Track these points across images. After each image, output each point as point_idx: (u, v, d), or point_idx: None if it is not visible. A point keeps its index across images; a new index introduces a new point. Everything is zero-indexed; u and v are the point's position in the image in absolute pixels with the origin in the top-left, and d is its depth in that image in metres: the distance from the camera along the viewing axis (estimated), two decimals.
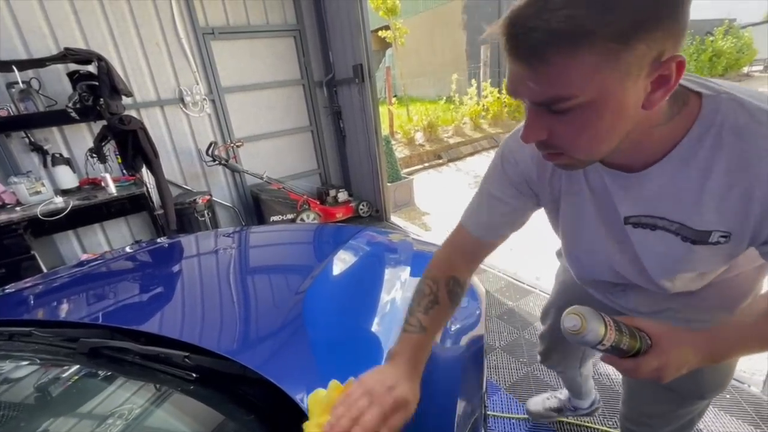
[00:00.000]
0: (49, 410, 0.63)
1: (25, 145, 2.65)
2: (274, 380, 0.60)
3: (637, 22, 0.37)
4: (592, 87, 0.40)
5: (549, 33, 0.37)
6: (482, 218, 0.69)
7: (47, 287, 1.18)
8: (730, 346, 0.53)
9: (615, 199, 0.56)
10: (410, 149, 6.53)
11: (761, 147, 0.44)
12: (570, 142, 0.46)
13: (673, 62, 0.40)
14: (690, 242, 0.52)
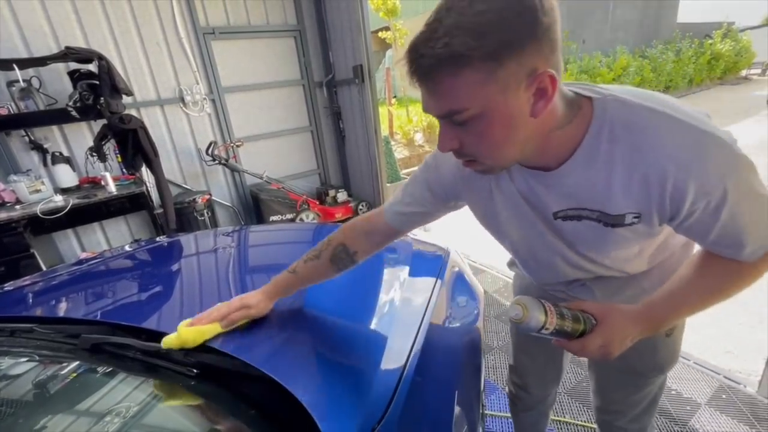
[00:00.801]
0: (51, 406, 0.63)
1: (25, 143, 2.65)
2: (274, 376, 0.61)
3: (504, 44, 0.44)
4: (478, 100, 0.47)
5: (434, 58, 0.45)
6: (400, 211, 0.76)
7: (47, 285, 1.19)
8: (664, 314, 0.61)
9: (543, 198, 0.62)
10: (410, 150, 6.54)
11: (647, 138, 0.51)
12: (476, 149, 0.53)
13: (545, 76, 0.46)
14: (611, 226, 0.58)
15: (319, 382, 0.66)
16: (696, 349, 1.90)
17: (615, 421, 0.94)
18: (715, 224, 0.53)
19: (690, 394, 1.58)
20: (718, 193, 0.50)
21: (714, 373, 1.67)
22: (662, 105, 0.52)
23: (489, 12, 0.43)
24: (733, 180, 0.50)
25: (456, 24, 0.43)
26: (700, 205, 0.52)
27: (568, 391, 1.66)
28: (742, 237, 0.54)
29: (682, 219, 0.55)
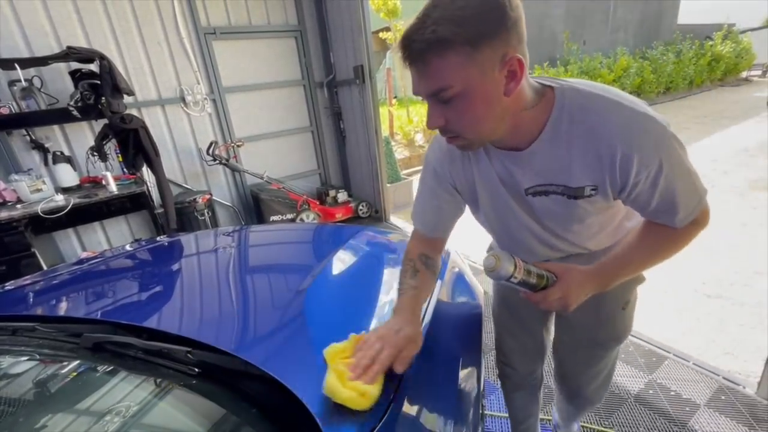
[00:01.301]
0: (53, 405, 0.64)
1: (27, 142, 2.66)
2: (276, 375, 0.61)
3: (479, 33, 0.53)
4: (460, 79, 0.56)
5: (424, 42, 0.54)
6: (427, 217, 0.86)
7: (48, 284, 1.19)
8: (613, 272, 0.73)
9: (516, 177, 0.71)
10: (410, 150, 6.55)
11: (599, 119, 0.61)
12: (459, 124, 0.62)
13: (514, 60, 0.55)
14: (573, 198, 0.69)
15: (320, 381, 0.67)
16: (695, 350, 1.91)
17: (579, 390, 1.06)
18: (654, 194, 0.64)
19: (689, 395, 1.58)
20: (655, 165, 0.61)
21: (713, 374, 1.68)
22: (610, 93, 0.63)
23: (468, 7, 0.52)
24: (665, 153, 0.60)
25: (441, 16, 0.53)
26: (642, 177, 0.62)
27: None
28: (675, 206, 0.65)
29: (629, 190, 0.64)
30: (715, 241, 3.01)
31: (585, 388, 1.05)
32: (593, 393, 1.06)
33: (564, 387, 1.12)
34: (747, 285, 2.41)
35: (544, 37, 10.67)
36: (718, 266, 2.65)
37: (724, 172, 4.62)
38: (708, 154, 5.51)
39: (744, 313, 2.16)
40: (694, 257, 2.81)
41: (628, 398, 1.60)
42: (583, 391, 1.06)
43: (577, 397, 1.10)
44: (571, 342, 1.00)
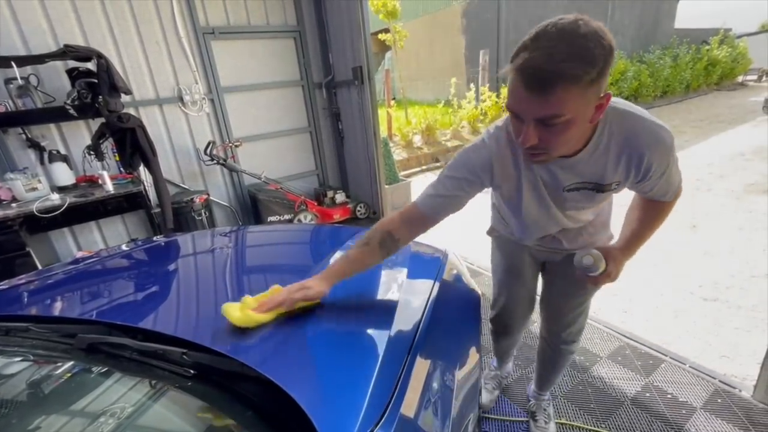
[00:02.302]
0: (47, 406, 0.63)
1: (23, 141, 2.64)
2: (272, 377, 0.61)
3: (598, 74, 0.63)
4: (573, 109, 0.65)
5: (554, 74, 0.61)
6: (437, 202, 0.92)
7: (43, 284, 1.18)
8: (635, 245, 0.97)
9: (559, 178, 0.87)
10: (408, 152, 6.55)
11: (632, 133, 0.78)
12: (553, 144, 0.72)
13: (605, 96, 0.69)
14: (598, 192, 0.88)
15: (316, 383, 0.66)
16: (692, 353, 1.91)
17: (563, 333, 1.27)
18: (659, 182, 0.85)
19: (685, 398, 1.58)
20: (665, 165, 0.81)
21: (709, 377, 1.68)
22: (635, 109, 0.80)
23: (594, 48, 0.61)
24: (672, 156, 0.81)
25: (571, 52, 0.60)
26: (657, 172, 0.81)
27: (565, 394, 1.66)
28: (669, 188, 0.88)
29: (644, 180, 0.83)
30: (712, 244, 3.03)
31: (567, 321, 1.25)
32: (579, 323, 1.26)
33: (551, 326, 1.31)
34: (743, 288, 2.42)
35: None
36: (714, 269, 2.66)
37: (720, 176, 4.65)
38: (704, 158, 5.54)
39: (740, 316, 2.17)
40: (690, 260, 2.82)
41: (624, 401, 1.60)
42: (565, 325, 1.26)
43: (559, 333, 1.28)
44: (561, 288, 1.23)
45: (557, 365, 1.39)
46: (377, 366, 0.69)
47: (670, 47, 12.76)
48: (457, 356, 0.91)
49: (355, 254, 0.92)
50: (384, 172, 3.73)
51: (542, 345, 1.39)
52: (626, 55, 11.30)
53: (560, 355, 1.33)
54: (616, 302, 2.39)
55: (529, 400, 1.58)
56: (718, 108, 10.00)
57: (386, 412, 0.61)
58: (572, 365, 1.82)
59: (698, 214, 3.55)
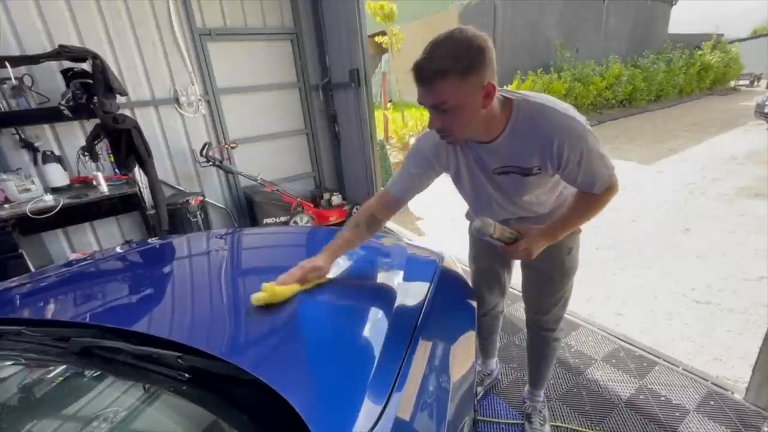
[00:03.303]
0: (40, 410, 0.62)
1: (16, 141, 2.61)
2: (267, 381, 0.61)
3: (469, 67, 0.78)
4: (454, 97, 0.81)
5: (432, 71, 0.79)
6: (404, 183, 1.12)
7: (36, 286, 1.17)
8: (559, 229, 1.04)
9: (486, 161, 1.02)
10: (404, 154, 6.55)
11: (541, 121, 0.90)
12: (451, 127, 0.88)
13: (490, 85, 0.82)
14: (525, 176, 0.99)
15: (312, 386, 0.66)
16: (685, 355, 1.93)
17: (540, 321, 1.36)
18: (579, 171, 0.94)
19: (679, 401, 1.60)
20: (579, 152, 0.90)
21: (702, 379, 1.69)
22: (549, 101, 0.92)
23: (462, 48, 0.78)
24: (586, 144, 0.90)
25: (443, 53, 0.78)
26: (571, 159, 0.91)
27: (559, 397, 1.67)
28: (594, 178, 0.95)
29: (562, 168, 0.94)
30: (705, 247, 3.06)
31: (544, 309, 1.34)
32: (554, 312, 1.33)
33: (531, 315, 1.40)
34: (735, 291, 2.44)
35: (538, 44, 10.79)
36: (707, 272, 2.69)
37: (712, 179, 4.70)
38: (697, 161, 5.61)
39: (732, 319, 2.19)
40: (683, 264, 2.85)
41: (619, 403, 1.61)
42: (543, 313, 1.34)
43: (538, 321, 1.38)
44: (536, 280, 1.32)
45: (544, 354, 1.44)
46: (373, 369, 0.70)
47: (663, 52, 12.91)
48: (452, 359, 0.92)
49: (349, 235, 1.10)
50: (380, 175, 3.73)
51: (528, 334, 1.47)
52: (620, 59, 11.41)
53: (544, 342, 1.41)
54: (610, 305, 2.41)
55: (525, 402, 1.59)
56: (710, 112, 10.12)
57: (382, 415, 0.61)
58: (566, 367, 1.82)
59: (691, 218, 3.59)
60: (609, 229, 3.50)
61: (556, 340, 1.40)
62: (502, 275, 1.44)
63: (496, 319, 1.60)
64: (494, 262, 1.40)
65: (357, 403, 0.62)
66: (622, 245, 3.22)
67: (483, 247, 1.38)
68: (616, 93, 10.58)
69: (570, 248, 1.21)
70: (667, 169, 5.37)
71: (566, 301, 1.32)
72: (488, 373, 1.75)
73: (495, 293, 1.49)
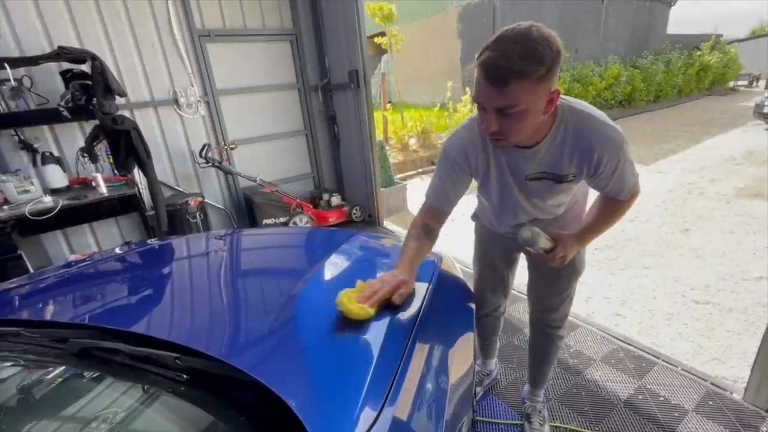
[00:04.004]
0: (38, 411, 0.62)
1: (15, 143, 2.61)
2: (265, 382, 0.61)
3: (546, 72, 0.74)
4: (525, 101, 0.76)
5: (511, 70, 0.72)
6: (438, 193, 1.10)
7: (35, 287, 1.17)
8: (589, 235, 1.07)
9: (522, 166, 0.99)
10: (404, 155, 6.56)
11: (583, 130, 0.89)
12: (510, 131, 0.83)
13: (556, 92, 0.80)
14: (557, 182, 0.98)
15: (310, 387, 0.66)
16: (684, 355, 1.93)
17: (546, 318, 1.37)
18: (611, 179, 0.94)
19: (678, 401, 1.60)
20: (615, 161, 0.90)
21: (701, 379, 1.70)
22: (589, 109, 0.91)
23: (544, 50, 0.72)
24: (623, 153, 0.90)
25: (524, 53, 0.71)
26: (608, 168, 0.91)
27: (558, 397, 1.67)
28: (622, 186, 0.96)
29: (596, 177, 0.94)
30: (704, 248, 3.06)
31: (551, 307, 1.34)
32: (561, 310, 1.34)
33: (536, 312, 1.40)
34: (734, 291, 2.45)
35: None
36: (706, 273, 2.70)
37: (711, 180, 4.71)
38: (696, 162, 5.61)
39: (731, 319, 2.20)
40: (682, 264, 2.85)
41: (618, 403, 1.61)
42: (550, 311, 1.35)
43: (544, 318, 1.38)
44: (543, 279, 1.31)
45: (547, 352, 1.44)
46: (371, 370, 0.70)
47: (662, 52, 12.93)
48: (450, 360, 0.92)
49: (416, 246, 1.07)
50: (380, 175, 3.73)
51: (531, 332, 1.47)
52: (619, 60, 11.42)
53: (548, 339, 1.40)
54: (609, 305, 2.41)
55: (524, 402, 1.59)
56: (709, 113, 10.14)
57: (379, 415, 0.61)
58: (566, 368, 1.83)
59: (690, 218, 3.59)
60: None
61: (560, 338, 1.40)
62: (506, 276, 1.44)
63: (497, 320, 1.59)
64: (499, 263, 1.40)
65: (355, 404, 0.62)
66: (621, 245, 3.23)
67: (490, 248, 1.38)
68: (615, 93, 10.59)
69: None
70: (666, 169, 5.38)
71: (572, 300, 1.33)
72: (487, 374, 1.75)
73: (498, 294, 1.48)
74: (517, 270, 1.47)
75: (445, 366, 0.87)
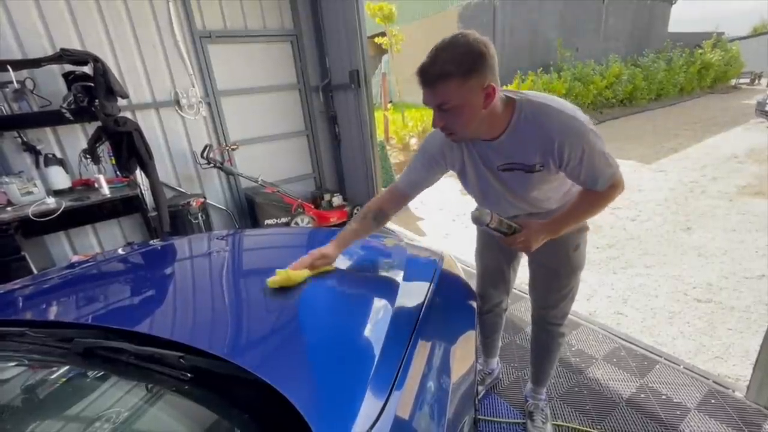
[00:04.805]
0: (44, 410, 0.63)
1: (18, 145, 2.63)
2: (268, 380, 0.61)
3: (469, 70, 0.83)
4: (455, 97, 0.86)
5: (435, 74, 0.85)
6: (411, 179, 1.18)
7: (39, 288, 1.18)
8: (560, 223, 1.06)
9: (491, 158, 1.05)
10: (405, 154, 6.57)
11: (543, 120, 0.94)
12: (454, 126, 0.93)
13: (490, 87, 0.86)
14: (529, 173, 1.01)
15: (313, 385, 0.67)
16: (686, 354, 1.93)
17: (547, 315, 1.38)
18: (582, 169, 0.96)
19: (680, 399, 1.60)
20: (579, 149, 0.92)
21: (703, 378, 1.69)
22: (552, 101, 0.96)
23: (463, 53, 0.82)
24: (587, 142, 0.92)
25: (446, 58, 0.83)
26: (572, 157, 0.93)
27: (560, 396, 1.67)
28: (596, 176, 0.97)
29: (564, 166, 0.96)
30: (706, 246, 3.05)
31: (551, 304, 1.35)
32: (561, 307, 1.35)
33: (538, 309, 1.41)
34: (736, 289, 2.44)
35: (538, 44, 10.78)
36: (708, 271, 2.69)
37: (713, 178, 4.69)
38: (698, 160, 5.60)
39: (733, 317, 2.19)
40: (684, 262, 2.84)
41: (620, 402, 1.61)
42: (550, 307, 1.36)
43: (545, 315, 1.39)
44: (543, 275, 1.33)
45: (549, 350, 1.45)
46: (373, 368, 0.70)
47: (663, 51, 12.88)
48: (452, 358, 0.92)
49: (356, 226, 1.17)
50: (381, 175, 3.73)
51: (533, 329, 1.47)
52: (620, 58, 11.39)
53: (550, 337, 1.42)
54: (611, 304, 2.41)
55: (526, 401, 1.59)
56: (711, 111, 10.11)
57: (381, 413, 0.61)
58: (568, 367, 1.83)
59: (692, 216, 3.59)
60: (609, 229, 3.50)
61: (562, 335, 1.41)
62: (508, 273, 1.45)
63: (499, 317, 1.60)
64: (500, 259, 1.42)
65: (357, 402, 0.62)
66: (623, 244, 3.22)
67: (490, 243, 1.41)
68: (617, 92, 10.56)
69: (577, 245, 1.23)
70: (668, 167, 5.37)
71: (573, 297, 1.34)
72: (489, 372, 1.75)
73: (499, 290, 1.50)
74: (519, 267, 1.48)
75: (447, 365, 0.88)
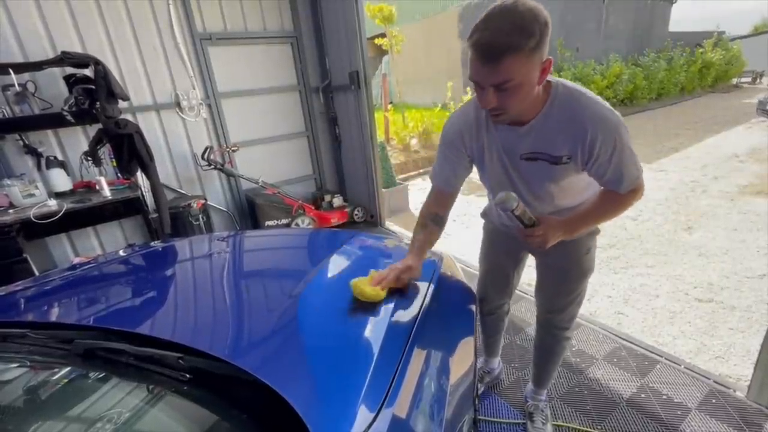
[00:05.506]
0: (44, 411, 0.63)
1: (20, 147, 2.64)
2: (268, 381, 0.62)
3: (537, 43, 0.75)
4: (520, 74, 0.78)
5: (503, 46, 0.74)
6: (442, 176, 1.15)
7: (40, 290, 1.18)
8: (578, 223, 1.03)
9: (516, 145, 0.99)
10: (405, 155, 6.57)
11: (576, 109, 0.89)
12: (507, 104, 0.84)
13: (548, 60, 0.81)
14: (553, 164, 0.96)
15: (311, 386, 0.67)
16: (687, 353, 1.93)
17: (554, 319, 1.34)
18: (609, 166, 0.91)
19: (681, 399, 1.59)
20: (611, 144, 0.88)
21: (704, 377, 1.69)
22: (584, 91, 0.91)
23: (530, 22, 0.74)
24: (620, 138, 0.88)
25: (512, 28, 0.73)
26: (603, 152, 0.89)
27: (561, 396, 1.67)
28: (622, 177, 0.93)
29: (592, 161, 0.91)
30: (707, 245, 3.05)
31: (559, 308, 1.32)
32: (569, 311, 1.32)
33: (545, 313, 1.38)
34: (737, 289, 2.44)
35: None
36: (709, 270, 2.69)
37: (714, 177, 4.69)
38: (699, 159, 5.59)
39: (735, 317, 2.19)
40: (685, 262, 2.84)
41: (620, 402, 1.61)
42: (557, 311, 1.33)
43: (552, 319, 1.36)
44: (552, 278, 1.29)
45: (553, 353, 1.43)
46: (371, 369, 0.70)
47: (664, 50, 12.87)
48: (451, 359, 0.92)
49: (425, 235, 1.15)
50: (381, 176, 3.74)
51: (538, 332, 1.45)
52: (621, 58, 11.38)
53: (555, 340, 1.39)
54: (611, 304, 2.40)
55: (527, 401, 1.59)
56: (712, 110, 10.09)
57: (379, 414, 0.61)
58: (568, 367, 1.83)
59: (693, 216, 3.58)
60: (610, 228, 3.49)
61: (567, 339, 1.39)
62: (511, 276, 1.43)
63: (501, 319, 1.59)
64: (505, 262, 1.40)
65: (355, 403, 0.62)
66: (624, 244, 3.22)
67: (496, 245, 1.39)
68: (617, 92, 10.56)
69: (588, 248, 1.20)
70: (669, 167, 5.36)
71: (580, 302, 1.30)
72: (489, 371, 1.75)
73: (502, 293, 1.48)
74: (523, 271, 1.47)
75: (446, 365, 0.88)
